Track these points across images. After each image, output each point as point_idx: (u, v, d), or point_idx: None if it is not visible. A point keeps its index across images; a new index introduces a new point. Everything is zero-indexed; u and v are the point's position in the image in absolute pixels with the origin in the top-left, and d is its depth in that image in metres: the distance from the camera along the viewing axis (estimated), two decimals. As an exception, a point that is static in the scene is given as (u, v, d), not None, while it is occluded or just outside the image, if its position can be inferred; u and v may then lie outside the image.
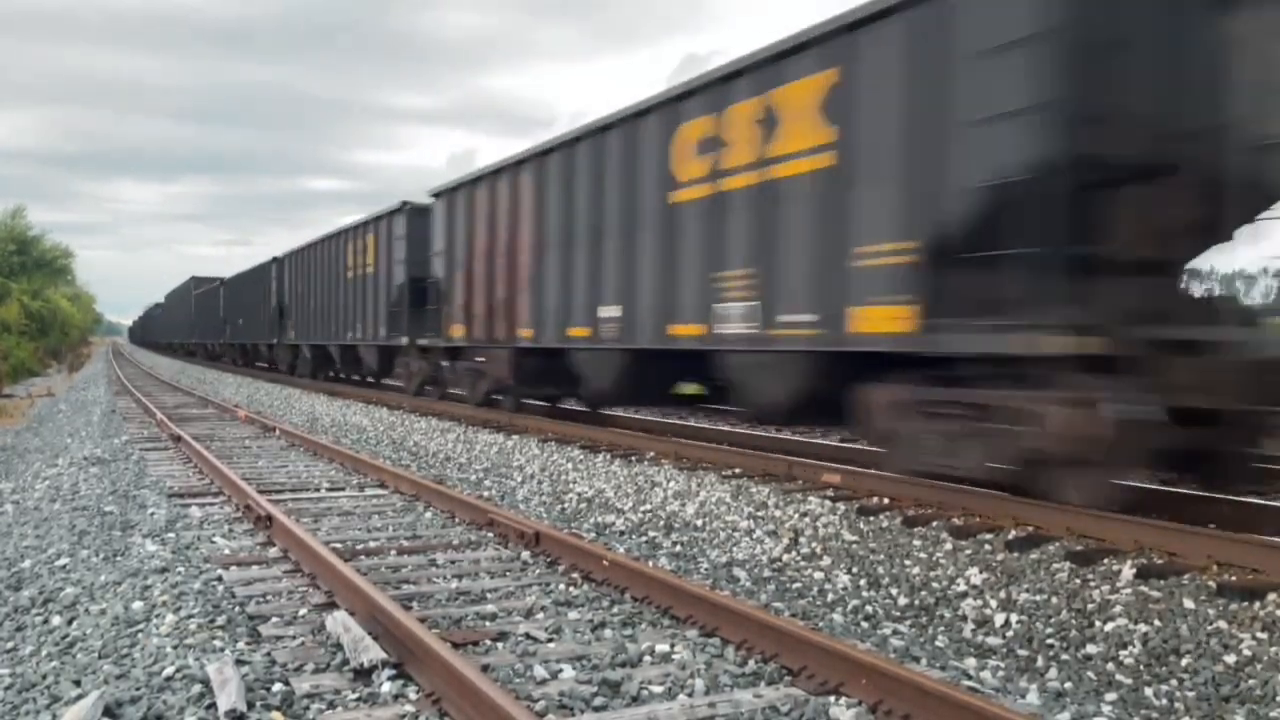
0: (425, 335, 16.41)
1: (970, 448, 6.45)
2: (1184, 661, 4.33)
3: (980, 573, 5.52)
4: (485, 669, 3.75)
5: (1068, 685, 4.29)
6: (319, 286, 23.73)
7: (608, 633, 4.28)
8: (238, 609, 4.64)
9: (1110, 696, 4.17)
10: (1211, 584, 4.84)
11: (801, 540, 6.58)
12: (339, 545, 6.03)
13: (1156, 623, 4.62)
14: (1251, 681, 4.09)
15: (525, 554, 5.81)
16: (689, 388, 11.74)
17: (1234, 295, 6.45)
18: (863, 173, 7.14)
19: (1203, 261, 6.56)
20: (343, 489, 8.47)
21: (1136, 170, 6.08)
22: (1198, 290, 6.56)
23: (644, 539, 7.00)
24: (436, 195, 15.45)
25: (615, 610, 4.63)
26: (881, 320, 6.86)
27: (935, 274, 6.48)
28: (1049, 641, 4.76)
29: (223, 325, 38.93)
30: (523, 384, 13.51)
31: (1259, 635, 4.35)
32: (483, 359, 14.34)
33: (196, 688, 3.53)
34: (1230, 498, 6.37)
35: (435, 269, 15.60)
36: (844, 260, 7.23)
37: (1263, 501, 6.51)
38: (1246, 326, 5.73)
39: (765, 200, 8.16)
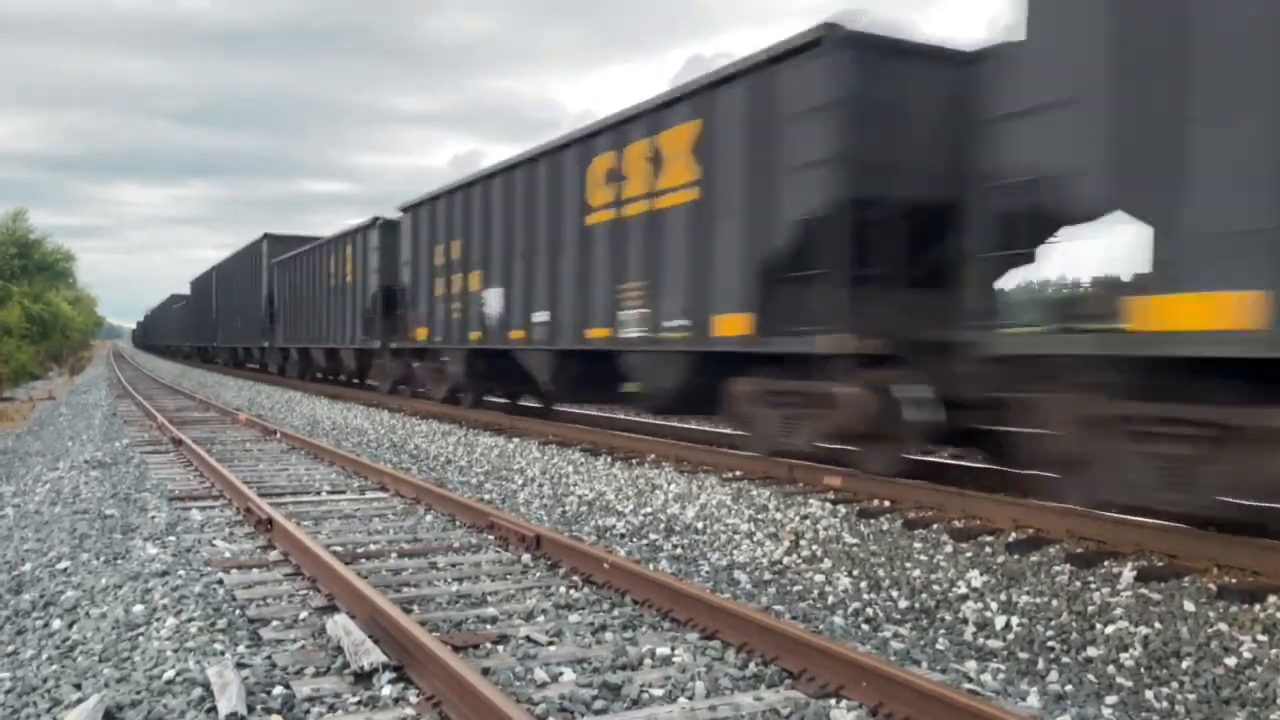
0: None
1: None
2: (1184, 664, 4.33)
3: (981, 575, 5.52)
4: (486, 672, 3.75)
5: (1068, 688, 4.29)
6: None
7: (608, 635, 4.28)
8: (238, 612, 4.64)
9: (1111, 699, 4.17)
10: (1212, 586, 4.84)
11: (802, 543, 6.58)
12: (340, 548, 6.03)
13: (1157, 625, 4.62)
14: (1252, 684, 4.09)
15: (526, 557, 5.81)
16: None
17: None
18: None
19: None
20: (343, 492, 8.47)
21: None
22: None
23: (645, 542, 7.00)
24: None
25: (616, 613, 4.63)
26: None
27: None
28: (1049, 644, 4.76)
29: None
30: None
31: (1259, 638, 4.35)
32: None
33: (197, 691, 3.53)
34: (1230, 500, 6.36)
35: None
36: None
37: (1263, 504, 6.51)
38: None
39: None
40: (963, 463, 8.25)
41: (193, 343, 49.06)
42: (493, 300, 13.65)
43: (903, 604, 5.51)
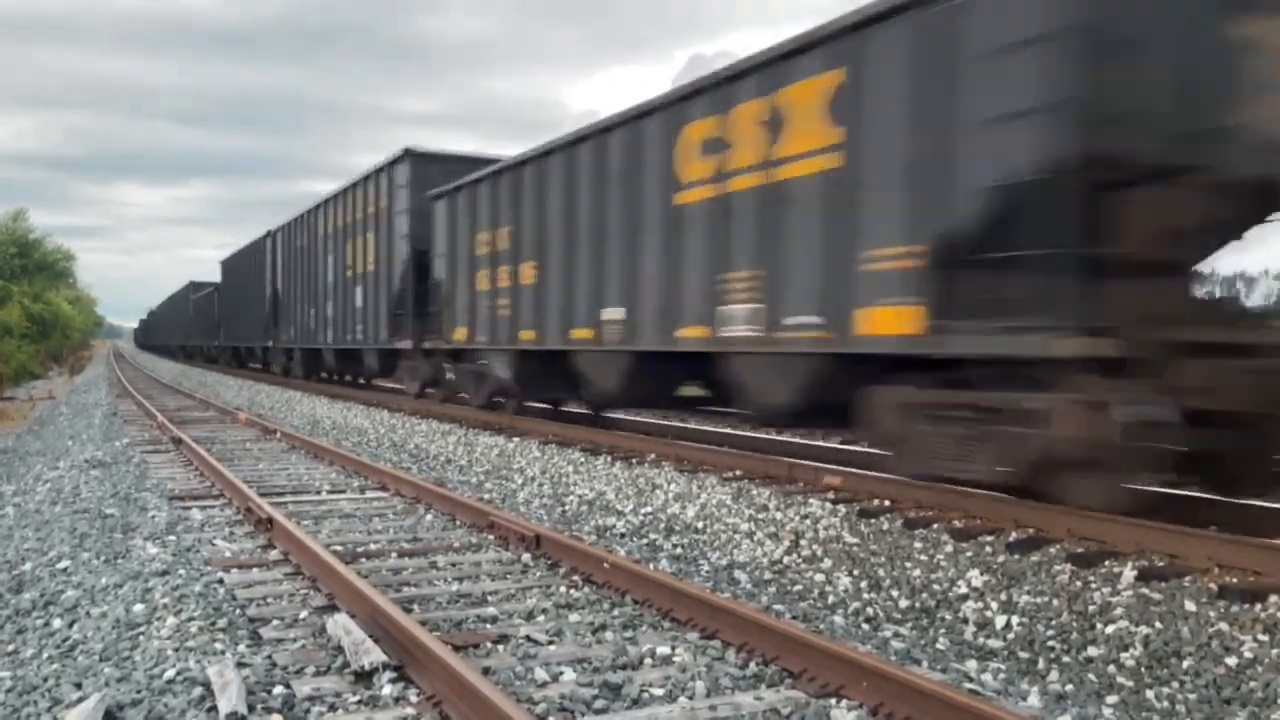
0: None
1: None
2: (1185, 664, 4.33)
3: (981, 575, 5.52)
4: (486, 671, 3.75)
5: (1069, 687, 4.29)
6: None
7: (608, 635, 4.28)
8: (239, 612, 4.64)
9: (1111, 699, 4.17)
10: (1213, 586, 4.83)
11: (802, 542, 6.58)
12: (340, 548, 6.03)
13: (1158, 625, 4.62)
14: (1253, 684, 4.09)
15: (526, 556, 5.81)
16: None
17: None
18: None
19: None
20: (343, 491, 8.47)
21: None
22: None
23: (645, 541, 7.00)
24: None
25: (616, 613, 4.63)
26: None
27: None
28: (1050, 644, 4.76)
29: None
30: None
31: (1260, 637, 4.35)
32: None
33: (197, 690, 3.53)
34: (1232, 500, 6.37)
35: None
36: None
37: (1264, 504, 6.51)
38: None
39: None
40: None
41: (223, 341, 37.40)
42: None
43: (903, 603, 5.51)
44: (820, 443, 10.69)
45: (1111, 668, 4.46)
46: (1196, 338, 5.72)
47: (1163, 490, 6.40)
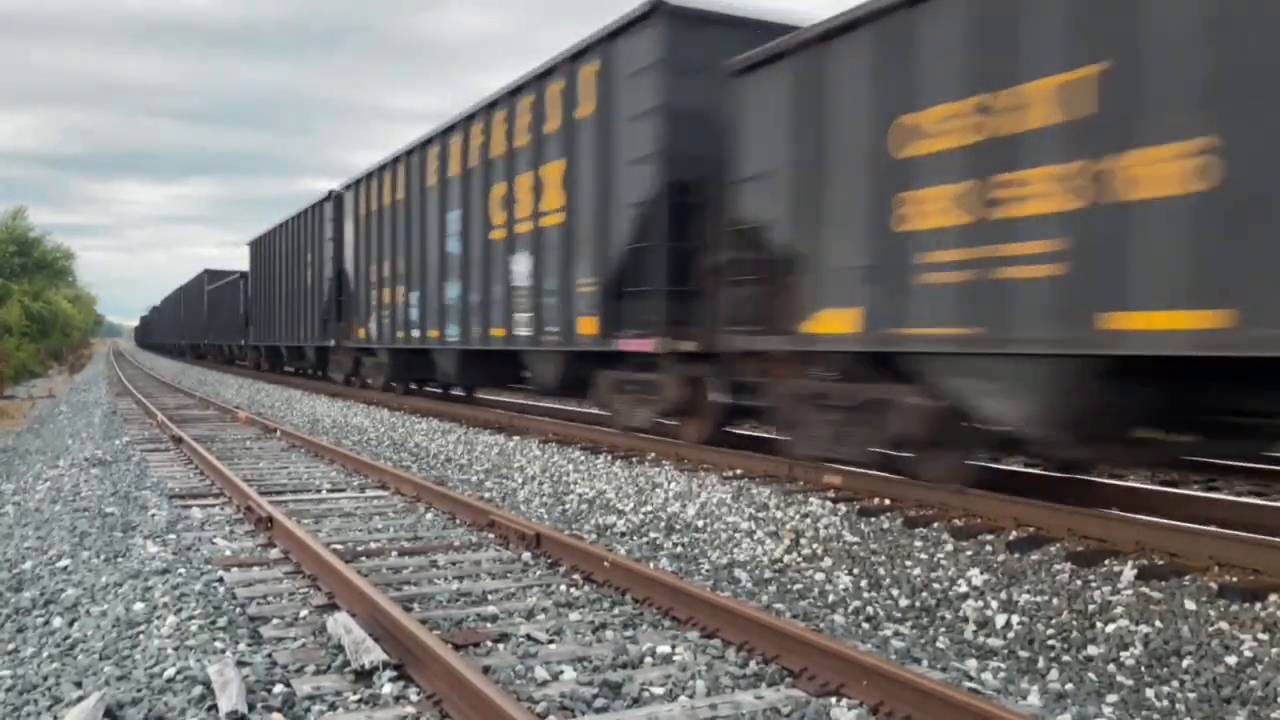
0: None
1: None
2: (1185, 662, 4.33)
3: (981, 574, 5.52)
4: (486, 670, 3.75)
5: (1069, 686, 4.29)
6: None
7: (609, 634, 4.28)
8: (239, 610, 4.64)
9: (1111, 698, 4.17)
10: (1213, 585, 4.83)
11: (803, 541, 6.58)
12: (340, 547, 6.03)
13: (1158, 624, 4.62)
14: (1253, 682, 4.09)
15: (526, 555, 5.81)
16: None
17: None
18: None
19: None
20: (344, 490, 8.47)
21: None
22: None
23: (645, 540, 7.00)
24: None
25: (616, 611, 4.63)
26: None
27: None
28: (1050, 643, 4.76)
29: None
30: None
31: (1260, 636, 4.35)
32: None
33: (198, 689, 3.53)
34: (1231, 499, 6.39)
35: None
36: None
37: (1264, 502, 6.52)
38: None
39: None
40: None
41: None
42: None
43: (903, 602, 5.51)
44: None
45: (1111, 666, 4.46)
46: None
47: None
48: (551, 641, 4.19)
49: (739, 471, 8.64)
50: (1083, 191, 5.55)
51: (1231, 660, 4.25)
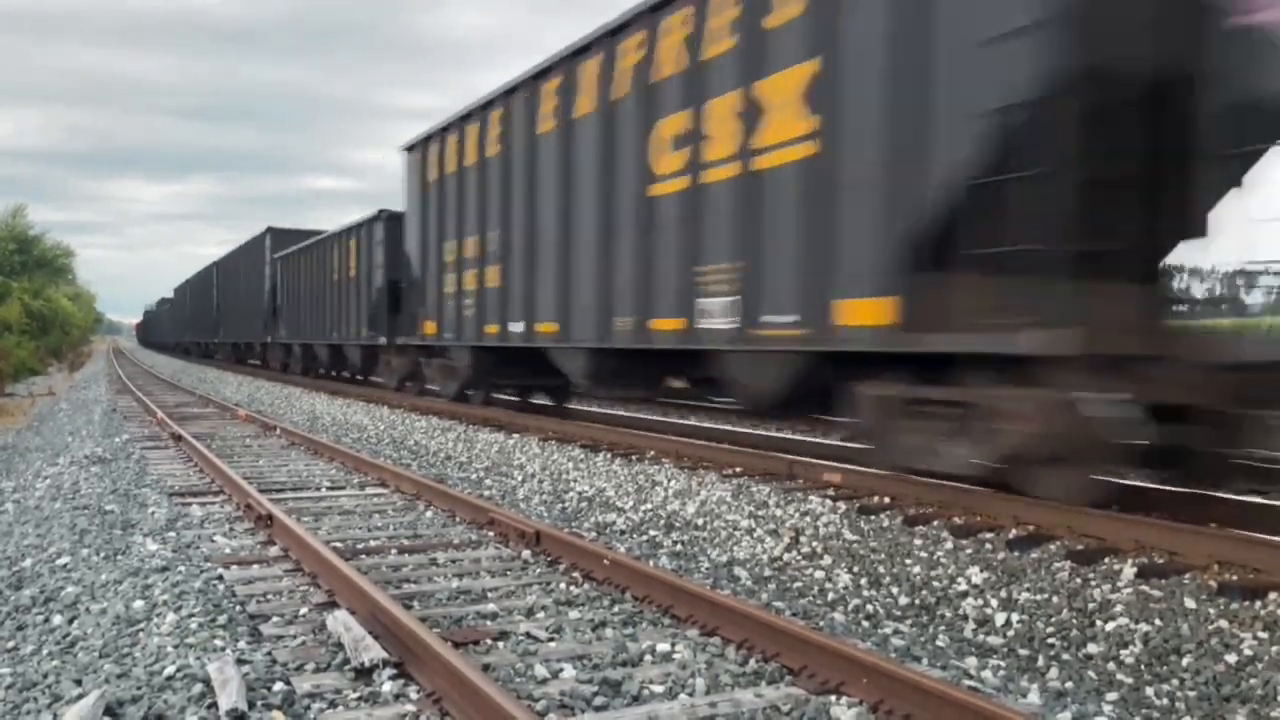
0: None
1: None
2: (1185, 661, 4.33)
3: (981, 572, 5.52)
4: (486, 668, 3.75)
5: (1068, 685, 4.29)
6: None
7: (608, 632, 4.28)
8: (239, 608, 4.64)
9: (1111, 696, 4.17)
10: (1212, 583, 4.83)
11: (802, 539, 6.58)
12: (340, 544, 6.03)
13: (1158, 622, 4.62)
14: (1253, 681, 4.09)
15: (526, 553, 5.81)
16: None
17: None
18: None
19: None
20: (343, 488, 8.47)
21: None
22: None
23: (645, 538, 7.00)
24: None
25: (616, 609, 4.63)
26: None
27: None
28: (1050, 641, 4.76)
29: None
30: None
31: (1260, 635, 4.35)
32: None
33: (197, 687, 3.53)
34: (1231, 497, 6.39)
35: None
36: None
37: (1264, 501, 6.51)
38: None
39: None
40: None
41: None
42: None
43: (903, 601, 5.51)
44: (821, 439, 10.69)
45: (1111, 665, 4.46)
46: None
47: (1129, 482, 6.49)
48: (551, 639, 4.19)
49: (739, 469, 8.64)
50: None
51: (1231, 658, 4.25)
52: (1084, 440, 5.72)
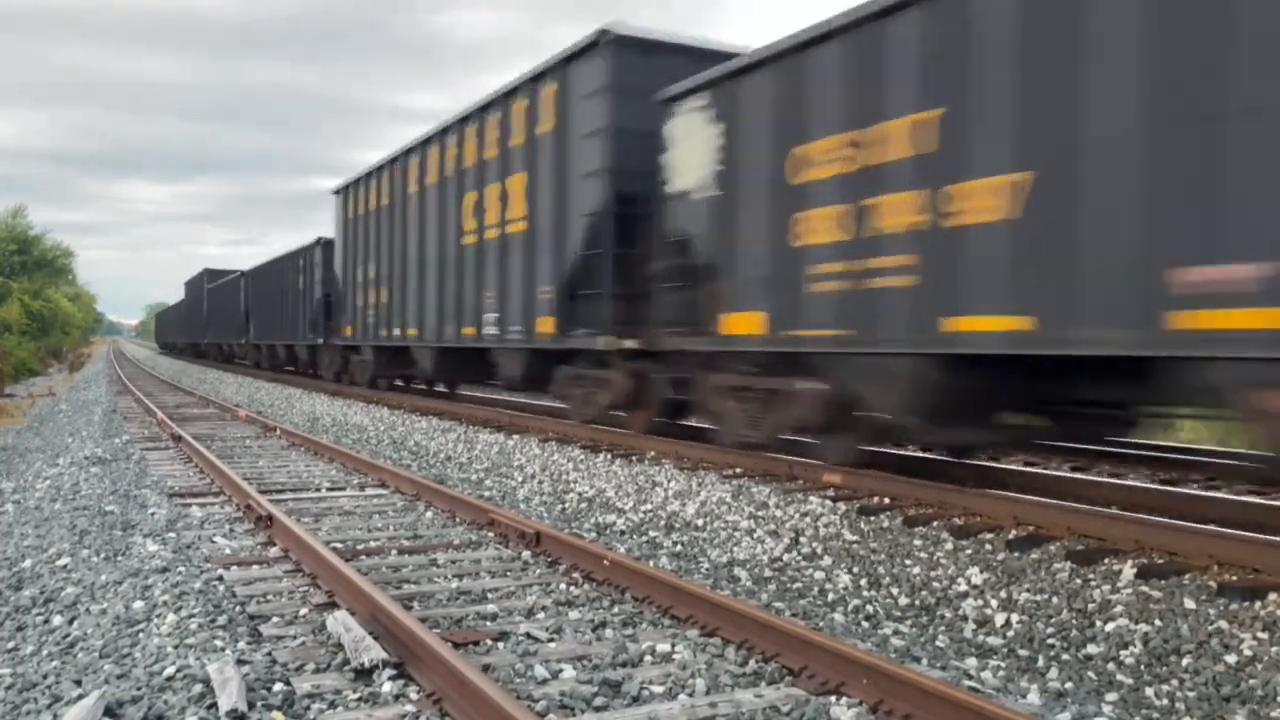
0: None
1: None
2: (1185, 661, 4.33)
3: (981, 572, 5.52)
4: (486, 669, 3.75)
5: (1068, 685, 4.29)
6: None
7: (608, 633, 4.28)
8: (239, 609, 4.64)
9: (1111, 696, 4.17)
10: (1212, 584, 4.84)
11: (802, 540, 6.58)
12: (340, 545, 6.03)
13: (1157, 622, 4.62)
14: (1252, 681, 4.09)
15: (526, 554, 5.81)
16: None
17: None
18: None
19: None
20: (343, 489, 8.47)
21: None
22: None
23: (645, 539, 7.00)
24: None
25: (616, 610, 4.63)
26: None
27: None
28: (1050, 641, 4.76)
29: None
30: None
31: (1260, 635, 4.35)
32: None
33: (197, 687, 3.53)
34: (1231, 497, 6.40)
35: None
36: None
37: (1264, 501, 6.52)
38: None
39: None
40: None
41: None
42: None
43: (903, 601, 5.51)
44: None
45: (1111, 665, 4.46)
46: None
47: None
48: (551, 640, 4.19)
49: (738, 470, 8.65)
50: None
51: (1231, 659, 4.26)
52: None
